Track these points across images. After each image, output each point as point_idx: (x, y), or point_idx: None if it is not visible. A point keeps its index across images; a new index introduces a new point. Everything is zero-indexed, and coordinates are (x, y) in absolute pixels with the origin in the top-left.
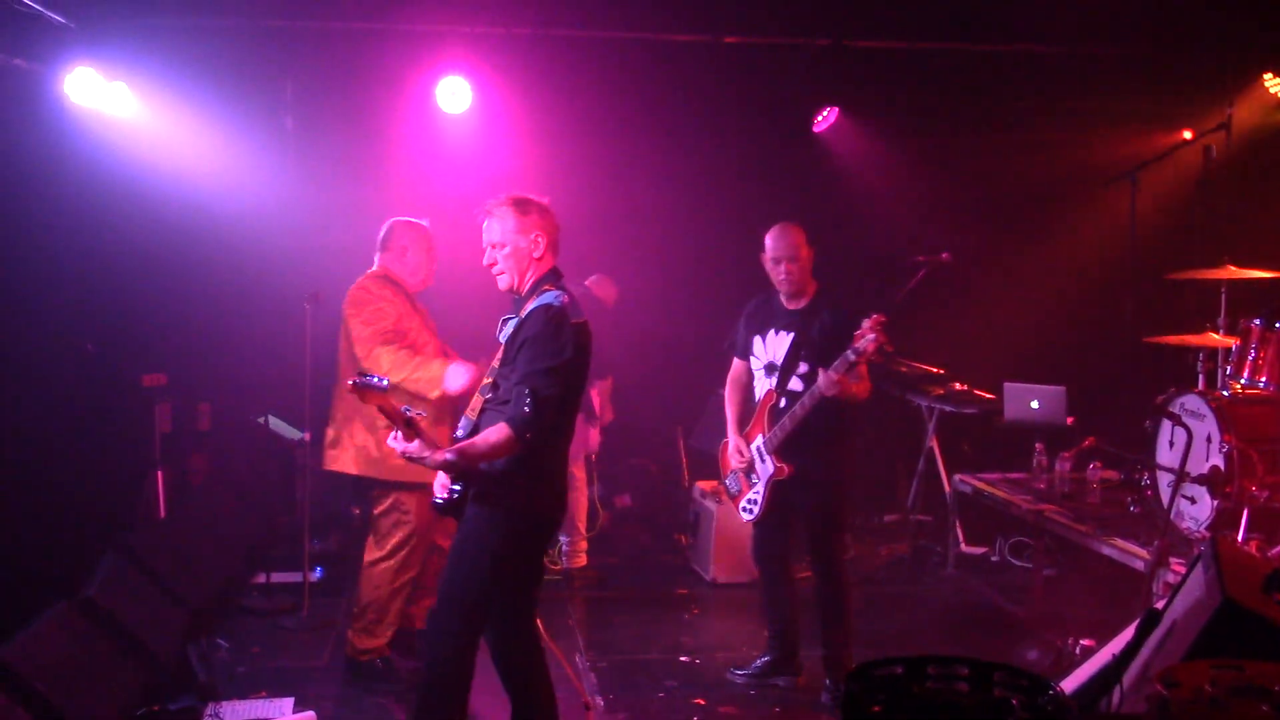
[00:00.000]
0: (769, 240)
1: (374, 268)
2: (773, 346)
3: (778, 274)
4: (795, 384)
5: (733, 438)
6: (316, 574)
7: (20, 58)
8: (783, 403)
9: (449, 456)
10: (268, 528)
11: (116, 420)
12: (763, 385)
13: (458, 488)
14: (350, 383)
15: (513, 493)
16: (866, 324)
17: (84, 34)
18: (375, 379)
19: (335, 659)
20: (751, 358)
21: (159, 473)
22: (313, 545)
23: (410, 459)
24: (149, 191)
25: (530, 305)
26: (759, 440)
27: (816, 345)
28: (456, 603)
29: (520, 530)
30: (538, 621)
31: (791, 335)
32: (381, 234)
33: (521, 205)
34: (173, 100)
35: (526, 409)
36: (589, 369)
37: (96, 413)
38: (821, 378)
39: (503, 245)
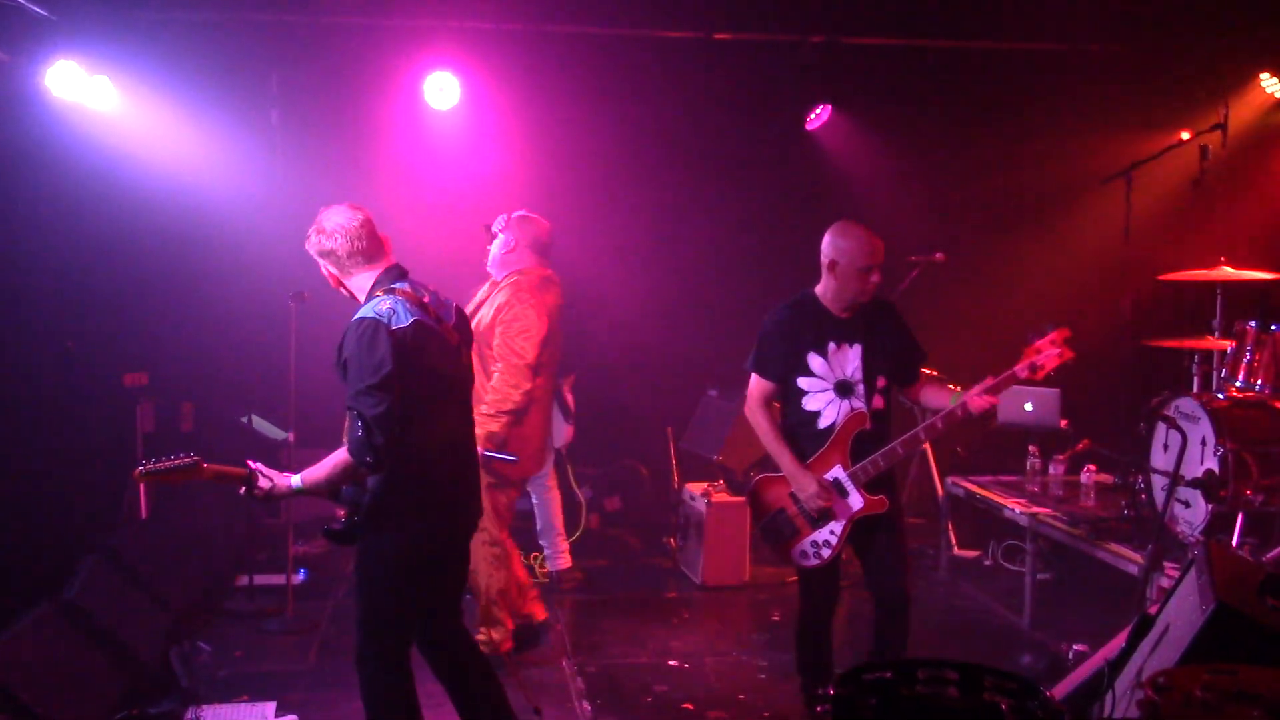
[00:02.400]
0: (856, 244)
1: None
2: (839, 362)
3: (863, 282)
4: (879, 402)
5: (804, 474)
6: (300, 576)
7: (1, 50)
8: (868, 425)
9: (294, 484)
10: (251, 529)
11: (97, 420)
12: (835, 407)
13: (349, 517)
14: (141, 471)
15: (391, 511)
16: (1046, 339)
17: (65, 26)
18: (177, 459)
19: (319, 663)
20: (808, 378)
21: None
22: (297, 547)
23: (261, 500)
24: (131, 187)
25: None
26: (837, 471)
27: (888, 354)
28: (365, 628)
29: (406, 545)
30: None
31: (859, 347)
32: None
33: (307, 241)
34: (156, 94)
35: (359, 433)
36: (447, 373)
37: (77, 412)
38: (971, 398)
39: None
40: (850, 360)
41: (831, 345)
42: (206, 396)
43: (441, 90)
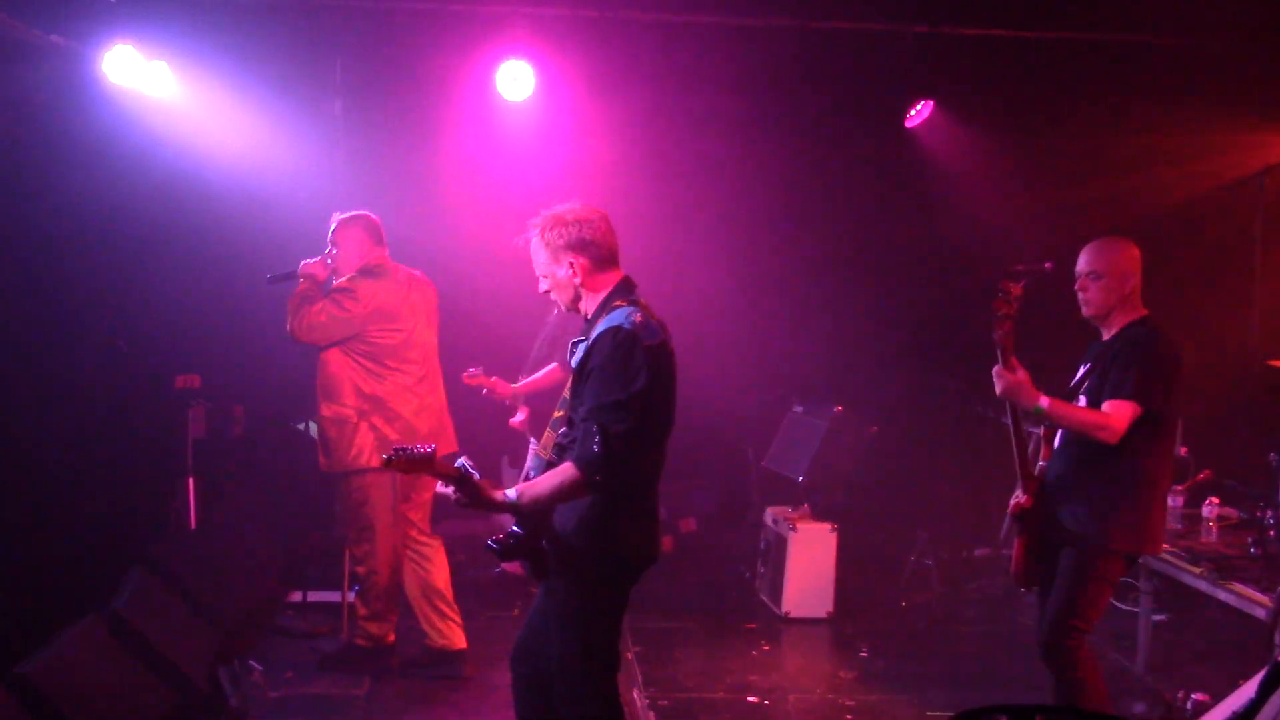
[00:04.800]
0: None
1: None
2: (1078, 380)
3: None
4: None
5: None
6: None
7: (57, 34)
8: (1058, 442)
9: (510, 496)
10: (305, 543)
11: (147, 423)
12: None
13: (517, 530)
14: (386, 458)
15: (603, 540)
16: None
17: (124, 9)
18: (421, 448)
19: (375, 687)
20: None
21: (190, 480)
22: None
23: (466, 506)
24: (187, 178)
25: (598, 328)
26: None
27: (1096, 385)
28: (579, 666)
29: (616, 577)
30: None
31: (1085, 369)
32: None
33: (546, 231)
34: (215, 81)
35: (595, 448)
36: (674, 395)
37: (126, 415)
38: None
39: (545, 276)
40: (1079, 381)
41: (1084, 367)
42: (260, 400)
43: (515, 80)
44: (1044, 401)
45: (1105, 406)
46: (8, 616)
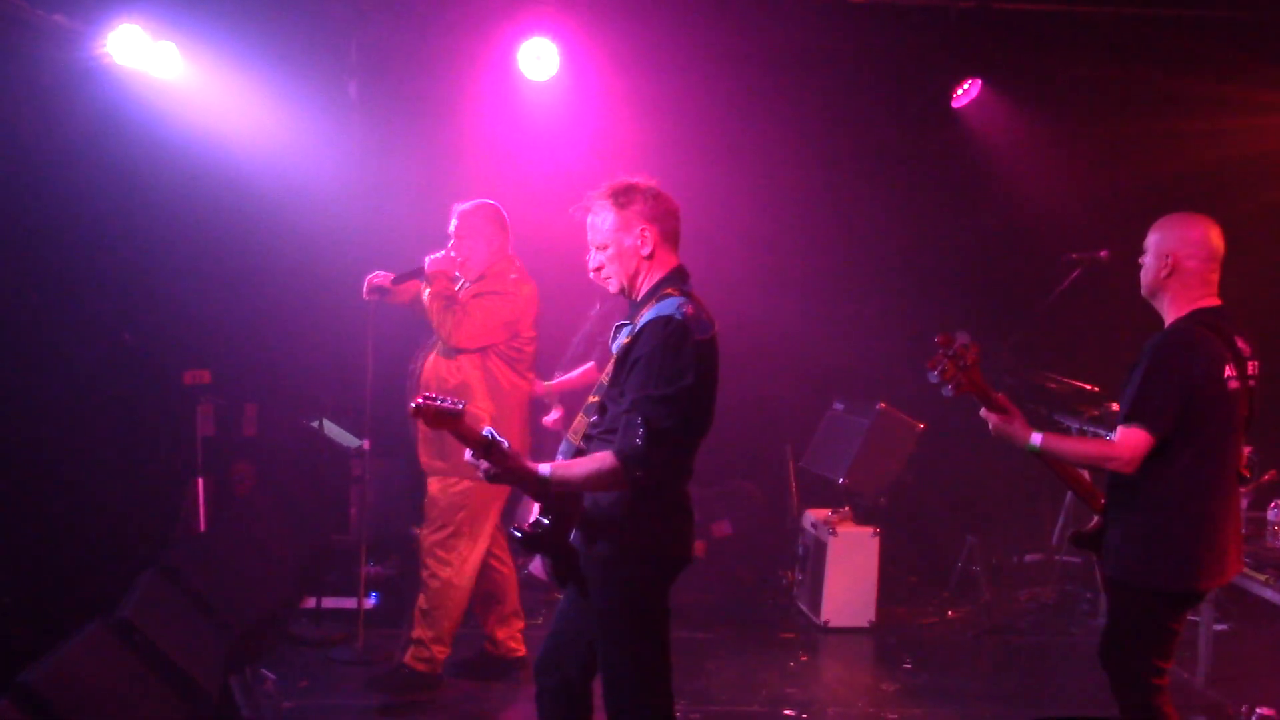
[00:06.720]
0: None
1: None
2: None
3: None
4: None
5: None
6: (372, 601)
7: (60, 13)
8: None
9: (542, 471)
10: (319, 547)
11: (154, 421)
12: None
13: (544, 520)
14: (414, 406)
15: (632, 537)
16: None
17: None
18: (448, 401)
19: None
20: None
21: (200, 481)
22: (369, 568)
23: (493, 478)
24: (196, 165)
25: (646, 315)
26: None
27: (1127, 387)
28: (630, 681)
29: (654, 576)
30: None
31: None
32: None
33: (621, 195)
34: (225, 62)
35: (638, 441)
36: (715, 391)
37: (132, 412)
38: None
39: (605, 246)
40: None
41: None
42: (272, 398)
43: (538, 59)
44: (1036, 439)
45: (1116, 432)
46: (11, 621)
